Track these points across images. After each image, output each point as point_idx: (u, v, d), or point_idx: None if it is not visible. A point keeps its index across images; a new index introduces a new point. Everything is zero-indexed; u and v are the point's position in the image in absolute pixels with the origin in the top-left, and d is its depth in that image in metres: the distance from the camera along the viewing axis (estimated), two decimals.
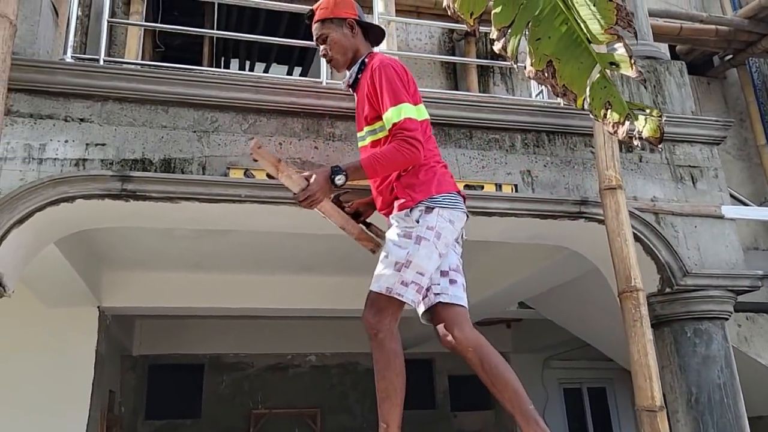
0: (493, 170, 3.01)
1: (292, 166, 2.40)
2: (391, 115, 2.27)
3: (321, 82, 3.13)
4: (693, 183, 3.27)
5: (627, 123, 1.81)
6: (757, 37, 6.22)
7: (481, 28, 1.95)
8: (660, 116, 1.81)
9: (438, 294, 2.36)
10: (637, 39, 3.61)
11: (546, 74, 1.77)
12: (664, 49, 6.90)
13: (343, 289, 5.38)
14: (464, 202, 2.39)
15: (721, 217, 3.21)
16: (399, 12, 4.76)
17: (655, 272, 3.09)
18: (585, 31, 1.69)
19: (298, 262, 5.16)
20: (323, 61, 3.18)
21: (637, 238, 3.06)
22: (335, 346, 8.13)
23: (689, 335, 3.07)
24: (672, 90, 3.44)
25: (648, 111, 1.81)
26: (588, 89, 1.80)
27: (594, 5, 1.63)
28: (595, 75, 1.77)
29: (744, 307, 6.32)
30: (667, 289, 3.07)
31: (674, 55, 6.91)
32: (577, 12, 1.67)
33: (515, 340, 8.65)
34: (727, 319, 3.13)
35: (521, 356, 8.67)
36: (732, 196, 5.05)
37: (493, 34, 1.75)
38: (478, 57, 5.66)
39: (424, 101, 2.42)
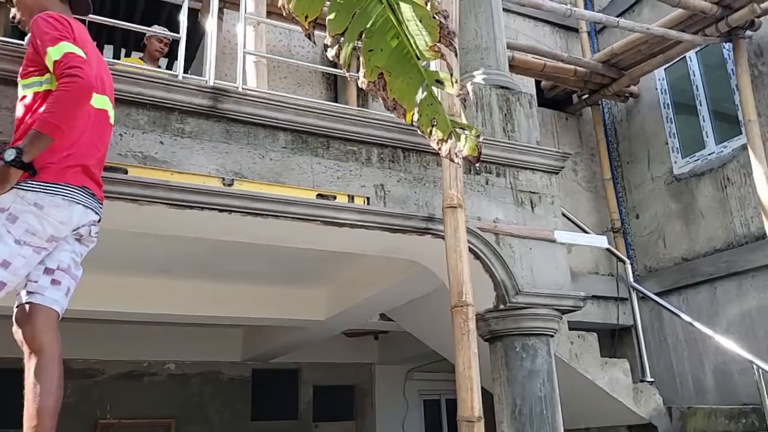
0: (348, 181, 3.06)
1: None
2: (52, 53, 2.16)
3: (177, 76, 3.05)
4: (532, 208, 3.51)
5: (450, 140, 1.91)
6: (609, 80, 6.82)
7: (318, 33, 1.99)
8: (478, 136, 1.93)
9: (32, 293, 2.20)
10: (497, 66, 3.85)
11: (377, 86, 1.83)
12: (530, 83, 7.39)
13: (202, 295, 5.23)
14: (98, 200, 2.28)
15: (554, 241, 3.46)
16: (279, 16, 4.75)
17: (492, 289, 3.28)
18: (414, 46, 1.77)
19: (154, 265, 4.96)
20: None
21: (477, 257, 3.23)
22: (196, 354, 7.87)
23: (518, 350, 3.27)
24: (521, 120, 3.68)
25: (468, 130, 1.92)
26: (417, 105, 1.89)
27: (420, 21, 1.70)
28: (423, 91, 1.85)
29: (579, 326, 6.89)
30: (501, 306, 3.25)
31: (539, 90, 7.41)
32: (407, 27, 1.74)
33: (381, 352, 8.80)
34: (552, 335, 3.37)
35: (386, 368, 8.85)
36: (572, 221, 5.47)
37: (328, 40, 1.79)
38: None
39: (277, 105, 2.42)
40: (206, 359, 7.94)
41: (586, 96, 7.21)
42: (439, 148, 1.95)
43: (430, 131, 1.92)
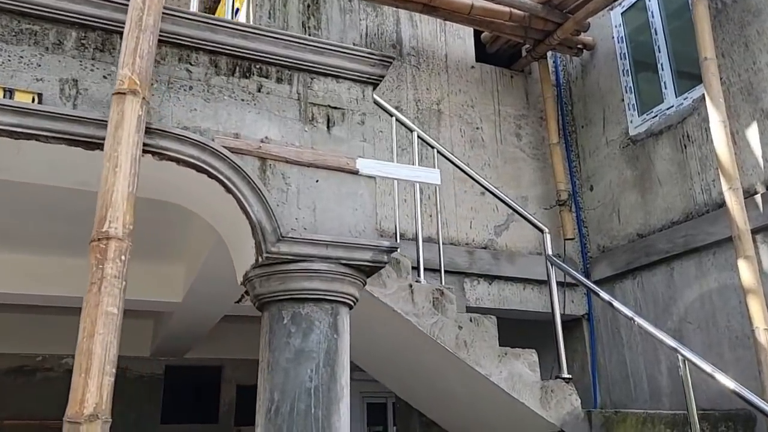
0: (13, 72, 2.12)
1: None
2: None
3: None
4: (328, 127, 2.53)
5: None
6: (553, 26, 5.77)
7: None
8: None
9: None
10: None
11: None
12: (466, 34, 6.38)
13: (17, 269, 4.35)
14: None
15: (356, 173, 2.48)
16: None
17: (251, 235, 2.30)
18: None
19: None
20: None
21: (228, 189, 2.27)
22: None
23: (285, 321, 2.29)
24: (332, 14, 2.70)
25: None
26: None
27: None
28: None
29: (519, 317, 5.83)
30: (260, 259, 2.28)
31: (480, 44, 6.40)
32: None
33: None
34: (344, 303, 2.38)
35: None
36: (497, 196, 4.43)
37: None
38: None
39: None
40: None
41: (530, 48, 6.17)
42: None
43: None
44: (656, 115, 5.47)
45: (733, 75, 4.78)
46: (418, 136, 4.16)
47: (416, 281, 3.88)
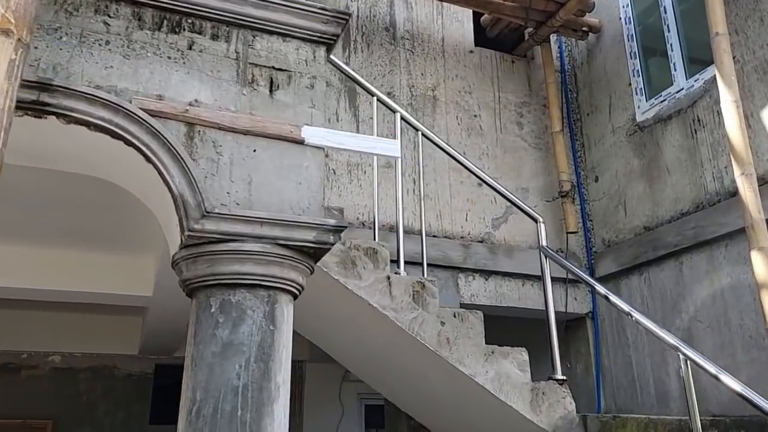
0: None
1: None
2: None
3: None
4: (271, 91, 2.23)
5: None
6: (555, 6, 5.43)
7: None
8: None
9: None
10: None
11: None
12: (465, 17, 6.06)
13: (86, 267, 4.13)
14: None
15: (301, 142, 2.18)
16: None
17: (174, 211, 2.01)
18: None
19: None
20: None
21: (147, 158, 1.98)
22: (87, 345, 6.78)
23: (213, 310, 1.99)
24: None
25: None
26: None
27: None
28: None
29: (518, 314, 5.48)
30: (183, 239, 1.98)
31: (479, 28, 6.07)
32: None
33: (313, 348, 7.55)
34: (284, 290, 2.07)
35: (319, 366, 7.57)
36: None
37: None
38: None
39: None
40: (99, 351, 6.85)
41: (532, 31, 5.82)
42: None
43: None
44: (665, 99, 5.10)
45: (747, 53, 4.40)
46: (402, 118, 3.85)
47: (395, 273, 3.57)
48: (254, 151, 2.11)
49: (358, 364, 4.56)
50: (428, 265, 5.04)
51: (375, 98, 3.78)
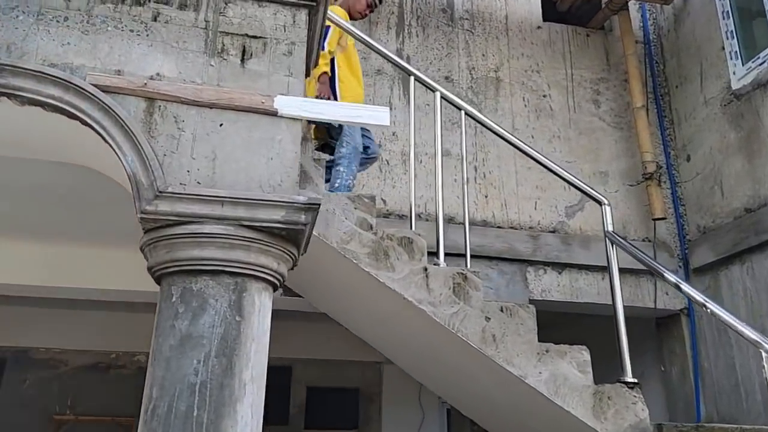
0: None
1: None
2: None
3: None
4: (242, 60, 2.02)
5: None
6: None
7: None
8: None
9: None
10: None
11: None
12: None
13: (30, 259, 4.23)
14: None
15: (275, 114, 1.95)
16: None
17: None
18: None
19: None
20: None
21: (102, 137, 1.84)
22: None
23: (174, 300, 1.81)
24: None
25: None
26: None
27: None
28: None
29: (595, 312, 4.89)
30: (138, 221, 1.82)
31: (547, 3, 5.61)
32: None
33: None
34: (255, 277, 1.85)
35: (396, 368, 7.33)
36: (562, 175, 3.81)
37: None
38: None
39: None
40: None
41: (608, 0, 5.29)
42: None
43: None
44: (764, 62, 4.42)
45: None
46: (443, 97, 3.53)
47: (434, 264, 3.27)
48: (220, 125, 1.92)
49: (411, 364, 4.29)
50: (492, 258, 4.71)
51: (412, 78, 3.49)
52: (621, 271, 4.80)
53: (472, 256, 3.57)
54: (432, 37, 5.17)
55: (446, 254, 3.31)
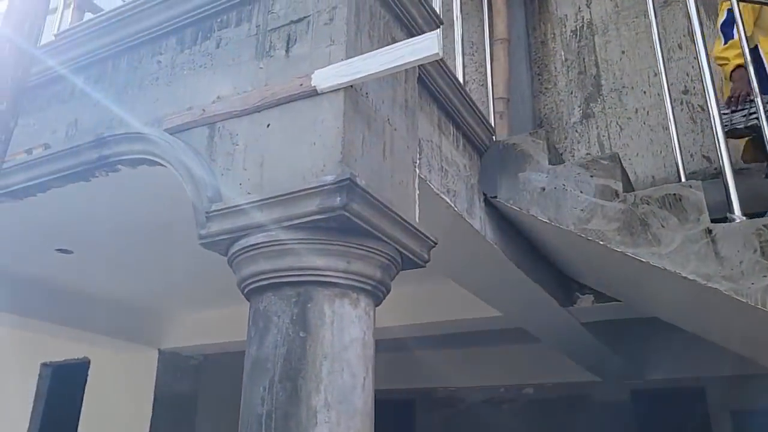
0: None
1: None
2: None
3: None
4: (287, 50, 1.78)
5: None
6: None
7: None
8: None
9: None
10: None
11: None
12: None
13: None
14: None
15: (314, 93, 1.65)
16: None
17: None
18: None
19: None
20: None
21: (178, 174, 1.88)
22: (556, 375, 6.65)
23: (250, 323, 1.64)
24: None
25: None
26: None
27: None
28: None
29: None
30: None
31: None
32: None
33: None
34: (320, 282, 1.54)
35: None
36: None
37: None
38: None
39: None
40: (569, 380, 6.62)
41: None
42: None
43: None
44: None
45: None
46: None
47: (725, 218, 2.32)
48: (268, 126, 1.73)
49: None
50: None
51: None
52: None
53: None
54: None
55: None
